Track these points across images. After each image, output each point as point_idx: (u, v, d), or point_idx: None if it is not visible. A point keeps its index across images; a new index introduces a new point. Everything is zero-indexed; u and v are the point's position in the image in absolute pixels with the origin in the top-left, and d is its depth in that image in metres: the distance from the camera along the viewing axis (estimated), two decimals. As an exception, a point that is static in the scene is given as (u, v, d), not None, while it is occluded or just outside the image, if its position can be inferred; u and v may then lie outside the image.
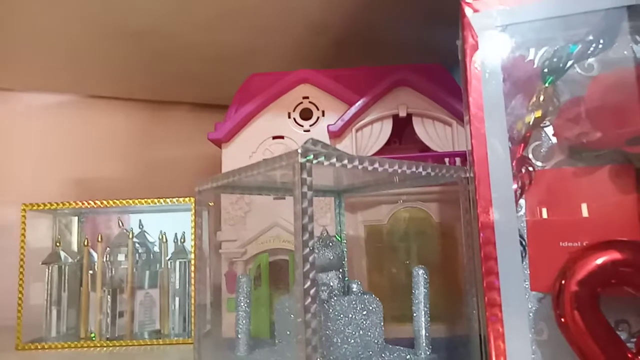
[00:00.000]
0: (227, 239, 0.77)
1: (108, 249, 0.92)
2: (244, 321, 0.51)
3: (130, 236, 0.90)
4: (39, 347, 0.86)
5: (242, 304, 0.51)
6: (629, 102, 0.44)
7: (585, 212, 0.45)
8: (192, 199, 0.86)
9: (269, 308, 0.73)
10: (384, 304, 0.67)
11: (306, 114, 0.80)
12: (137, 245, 0.92)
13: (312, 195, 0.38)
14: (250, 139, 0.78)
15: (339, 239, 0.64)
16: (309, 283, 0.37)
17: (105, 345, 0.86)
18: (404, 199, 0.71)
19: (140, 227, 0.97)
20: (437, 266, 0.69)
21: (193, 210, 0.86)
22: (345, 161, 0.41)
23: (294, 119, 0.79)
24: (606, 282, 0.40)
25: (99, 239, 0.91)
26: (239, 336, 0.51)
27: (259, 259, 0.75)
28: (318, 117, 0.79)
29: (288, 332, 0.49)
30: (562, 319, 0.41)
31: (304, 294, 0.37)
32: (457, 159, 0.71)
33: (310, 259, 0.38)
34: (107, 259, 0.91)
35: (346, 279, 0.62)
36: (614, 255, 0.40)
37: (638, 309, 0.43)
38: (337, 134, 0.76)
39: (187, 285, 0.90)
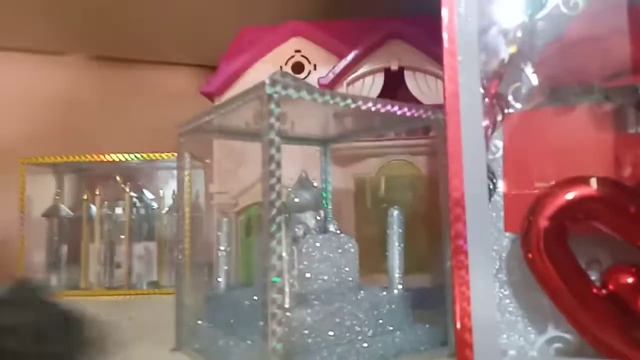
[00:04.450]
0: (218, 190, 0.78)
1: (106, 202, 0.94)
2: (223, 260, 0.52)
3: (128, 190, 0.92)
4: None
5: (221, 244, 0.52)
6: (611, 35, 0.43)
7: (561, 152, 0.44)
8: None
9: (259, 259, 0.75)
10: (372, 257, 0.67)
11: (298, 68, 0.79)
12: (134, 199, 0.94)
13: (279, 126, 0.39)
14: (241, 91, 0.78)
15: (325, 187, 0.64)
16: (274, 227, 0.37)
17: (103, 294, 0.89)
18: (392, 152, 0.71)
19: (139, 184, 0.99)
20: (423, 218, 0.69)
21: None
22: (316, 95, 0.41)
23: (286, 72, 0.78)
24: (574, 216, 0.40)
25: (97, 192, 0.93)
26: (218, 275, 0.52)
27: (249, 211, 0.77)
28: (310, 71, 0.79)
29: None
30: (530, 255, 0.41)
31: (269, 237, 0.37)
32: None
33: (277, 203, 0.38)
34: (105, 212, 0.93)
35: (329, 218, 0.63)
36: (586, 190, 0.40)
37: (609, 248, 0.43)
38: (328, 87, 0.75)
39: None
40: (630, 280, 0.39)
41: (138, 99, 1.15)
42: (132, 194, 0.94)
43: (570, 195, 0.40)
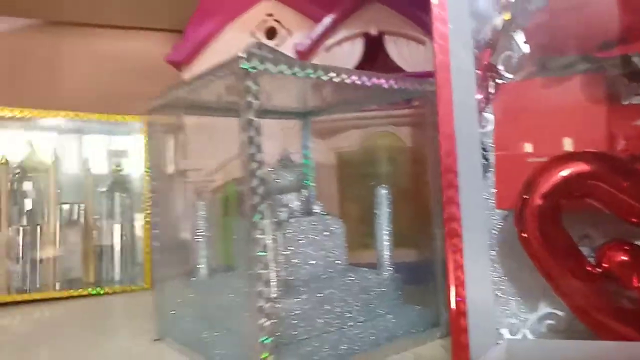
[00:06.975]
0: (192, 167, 0.74)
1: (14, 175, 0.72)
2: (202, 246, 0.50)
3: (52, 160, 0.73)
4: None
5: (199, 229, 0.49)
6: (599, 4, 0.41)
7: (554, 126, 0.42)
8: (139, 117, 0.80)
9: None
10: (356, 231, 0.65)
11: (271, 34, 0.75)
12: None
13: (258, 105, 0.35)
14: (211, 61, 0.73)
15: (306, 163, 0.62)
16: (257, 216, 0.34)
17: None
18: (375, 123, 0.68)
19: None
20: (410, 192, 0.67)
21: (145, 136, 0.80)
22: (297, 68, 0.37)
23: (258, 38, 0.73)
24: (571, 195, 0.38)
25: (3, 161, 0.71)
26: (198, 262, 0.50)
27: (226, 189, 0.73)
28: (284, 37, 0.74)
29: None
30: (524, 234, 0.39)
31: (252, 227, 0.34)
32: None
33: (260, 190, 0.35)
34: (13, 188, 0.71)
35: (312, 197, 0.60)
36: (580, 167, 0.38)
37: (600, 224, 0.42)
38: (304, 54, 0.71)
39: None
40: (624, 257, 0.38)
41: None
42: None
43: (564, 173, 0.38)
